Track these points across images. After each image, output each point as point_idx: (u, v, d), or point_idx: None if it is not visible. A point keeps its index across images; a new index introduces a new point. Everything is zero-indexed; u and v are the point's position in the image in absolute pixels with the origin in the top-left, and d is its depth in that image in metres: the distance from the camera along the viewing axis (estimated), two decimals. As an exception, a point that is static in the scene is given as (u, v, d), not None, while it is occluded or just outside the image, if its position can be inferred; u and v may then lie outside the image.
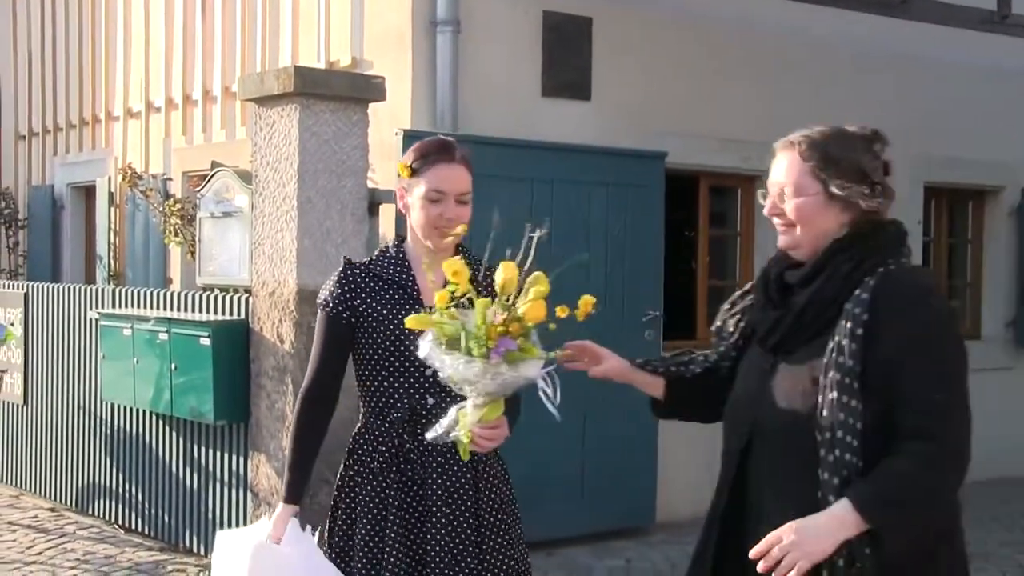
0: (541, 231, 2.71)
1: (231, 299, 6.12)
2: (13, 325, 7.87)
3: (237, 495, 6.08)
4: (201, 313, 6.26)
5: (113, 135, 9.79)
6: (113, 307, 6.92)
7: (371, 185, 5.90)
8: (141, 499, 6.84)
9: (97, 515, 7.22)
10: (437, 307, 2.71)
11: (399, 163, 3.12)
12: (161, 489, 6.66)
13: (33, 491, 7.88)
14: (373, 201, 5.84)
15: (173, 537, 6.57)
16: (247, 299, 5.96)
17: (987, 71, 8.80)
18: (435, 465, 3.12)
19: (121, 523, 7.00)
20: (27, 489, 7.95)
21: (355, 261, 3.23)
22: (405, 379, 3.11)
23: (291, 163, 5.60)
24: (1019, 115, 9.00)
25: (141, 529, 6.84)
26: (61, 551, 6.49)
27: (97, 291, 7.29)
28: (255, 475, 5.85)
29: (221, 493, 6.21)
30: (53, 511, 7.44)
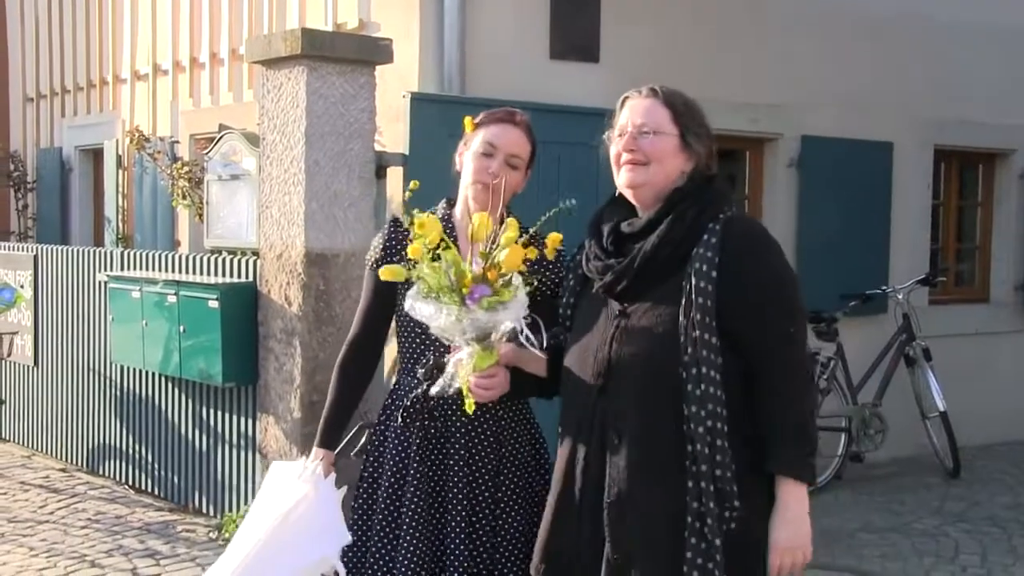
0: (571, 203, 2.85)
1: (239, 262, 6.13)
2: (23, 287, 7.90)
3: (246, 457, 6.12)
4: (209, 276, 6.28)
5: (121, 98, 9.78)
6: (122, 269, 6.94)
7: (378, 148, 5.89)
8: (151, 460, 6.89)
9: (108, 476, 7.28)
10: (411, 257, 2.84)
11: (466, 119, 3.21)
12: (170, 450, 6.71)
13: (44, 452, 7.94)
14: (380, 164, 5.83)
15: (183, 498, 6.62)
16: (255, 262, 5.97)
17: (998, 33, 8.73)
18: (459, 425, 3.15)
19: (131, 484, 7.05)
20: (39, 450, 8.01)
21: (401, 220, 3.27)
22: (436, 338, 3.14)
23: (298, 126, 5.59)
24: (1030, 78, 8.94)
25: (151, 490, 6.89)
26: (72, 511, 6.55)
27: (106, 254, 7.30)
28: (263, 437, 5.89)
29: (230, 455, 6.25)
30: (64, 471, 7.50)
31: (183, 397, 6.58)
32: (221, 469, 6.31)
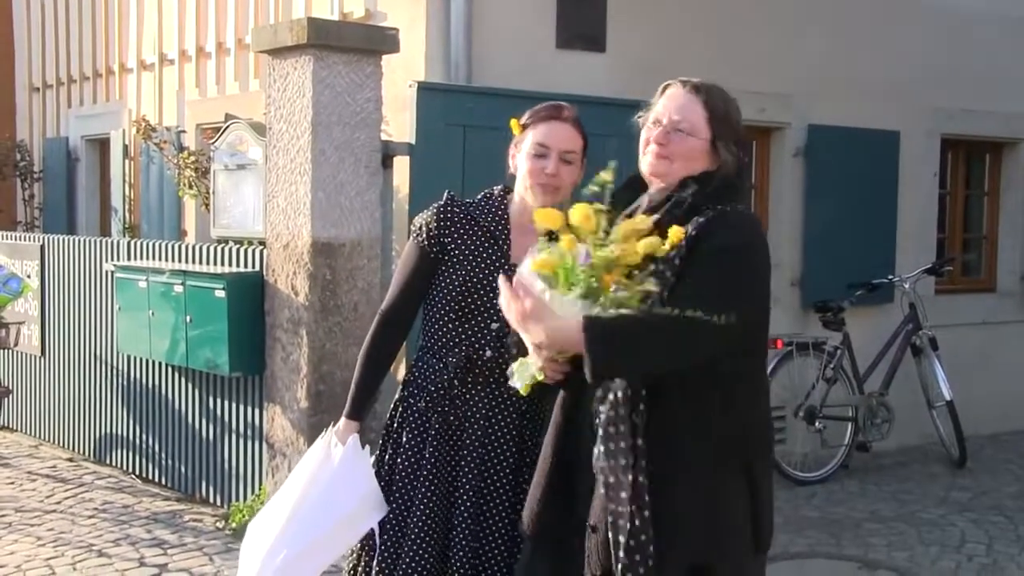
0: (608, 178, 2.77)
1: (245, 251, 6.13)
2: (30, 277, 7.91)
3: (253, 446, 6.13)
4: (216, 265, 6.28)
5: (127, 87, 9.78)
6: (128, 259, 6.94)
7: (385, 137, 5.89)
8: (158, 450, 6.90)
9: (115, 465, 7.29)
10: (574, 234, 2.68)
11: (512, 121, 3.21)
12: (177, 440, 6.72)
13: (51, 441, 7.96)
14: (387, 153, 5.83)
15: (190, 487, 6.63)
16: (261, 251, 5.97)
17: (1006, 22, 8.71)
18: (478, 417, 3.15)
19: (138, 473, 7.07)
20: (46, 439, 8.03)
21: (456, 198, 3.27)
22: (470, 326, 3.15)
23: (305, 115, 5.59)
24: (1038, 66, 8.92)
25: (158, 479, 6.91)
26: (80, 500, 6.56)
27: (112, 243, 7.31)
28: (270, 426, 5.89)
29: (237, 444, 6.26)
30: (71, 461, 7.52)
31: (190, 387, 6.59)
32: (228, 459, 6.32)
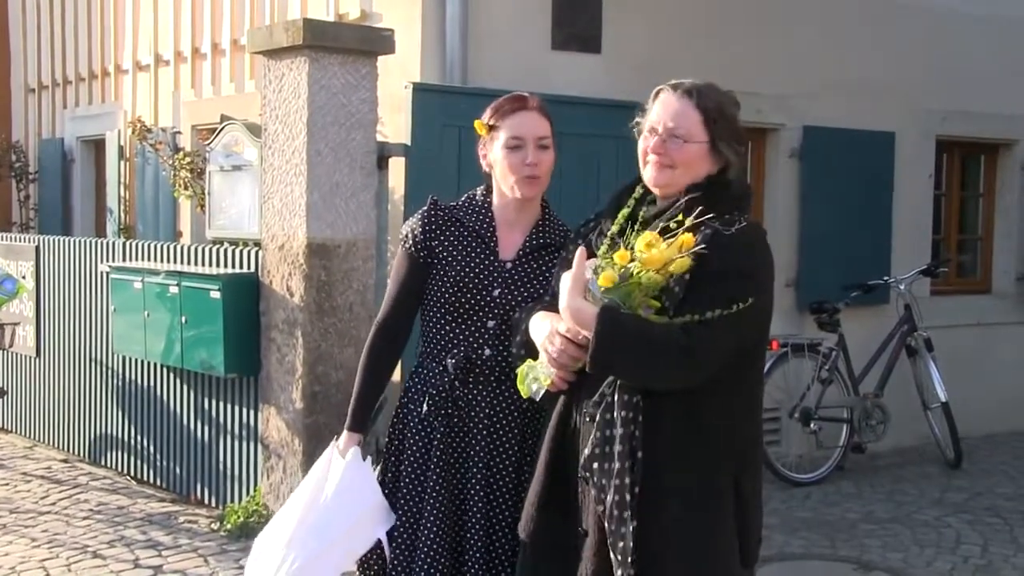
0: None
1: (241, 252, 6.13)
2: (25, 278, 7.90)
3: (248, 447, 6.13)
4: (211, 266, 6.28)
5: (122, 88, 9.77)
6: (124, 260, 6.93)
7: (380, 138, 5.89)
8: (153, 451, 6.89)
9: (109, 466, 7.28)
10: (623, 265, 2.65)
11: (476, 122, 3.20)
12: (172, 441, 6.71)
13: (46, 442, 7.95)
14: (382, 154, 5.83)
15: (185, 488, 6.62)
16: (257, 252, 5.97)
17: (1001, 23, 8.71)
18: (482, 417, 3.15)
19: (133, 474, 7.06)
20: (40, 440, 8.02)
21: (440, 202, 3.27)
22: (466, 327, 3.15)
23: (300, 116, 5.59)
24: (1033, 68, 8.93)
25: (153, 480, 6.90)
26: (75, 501, 6.55)
27: (108, 244, 7.31)
28: (265, 428, 5.89)
29: (232, 445, 6.25)
30: (66, 462, 7.51)
31: (185, 388, 6.58)
32: (223, 460, 6.32)
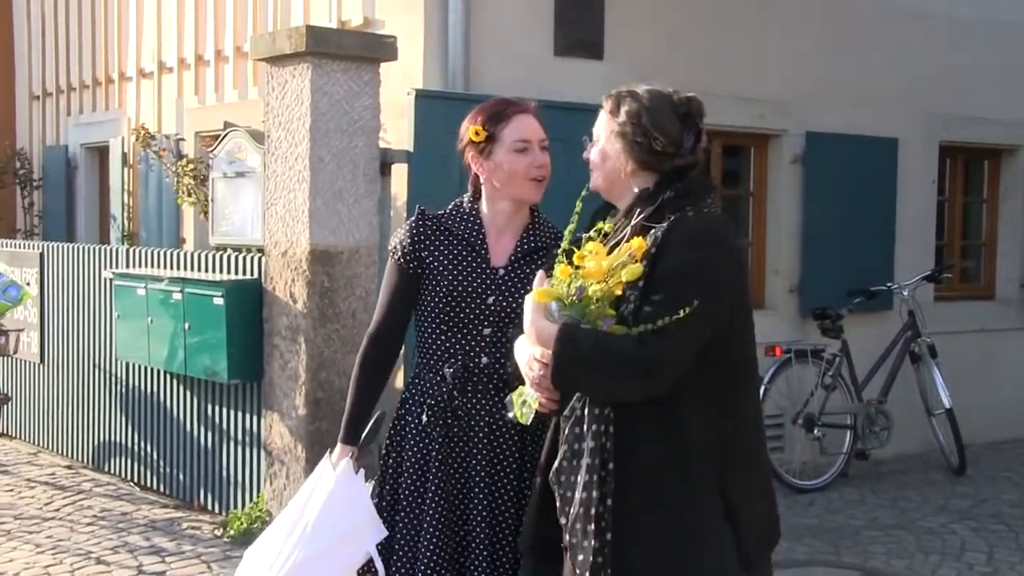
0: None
1: (244, 259, 6.13)
2: (29, 284, 7.91)
3: (251, 454, 6.13)
4: (214, 273, 6.28)
5: (126, 95, 9.79)
6: (127, 267, 6.94)
7: (383, 145, 5.89)
8: (156, 457, 6.89)
9: (113, 473, 7.29)
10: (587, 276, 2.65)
11: (470, 129, 3.16)
12: (176, 448, 6.71)
13: (50, 448, 7.95)
14: (385, 161, 5.84)
15: (188, 495, 6.62)
16: (260, 259, 5.98)
17: (1004, 29, 8.72)
18: (482, 425, 3.14)
19: (137, 481, 7.06)
20: (44, 446, 8.02)
21: (428, 212, 3.26)
22: (462, 335, 3.14)
23: (303, 123, 5.59)
24: (1036, 74, 8.92)
25: (156, 487, 6.90)
26: (78, 508, 6.56)
27: (111, 251, 7.31)
28: (268, 434, 5.89)
29: (235, 452, 6.25)
30: (70, 468, 7.51)
31: (188, 394, 6.59)
32: (226, 466, 6.32)
